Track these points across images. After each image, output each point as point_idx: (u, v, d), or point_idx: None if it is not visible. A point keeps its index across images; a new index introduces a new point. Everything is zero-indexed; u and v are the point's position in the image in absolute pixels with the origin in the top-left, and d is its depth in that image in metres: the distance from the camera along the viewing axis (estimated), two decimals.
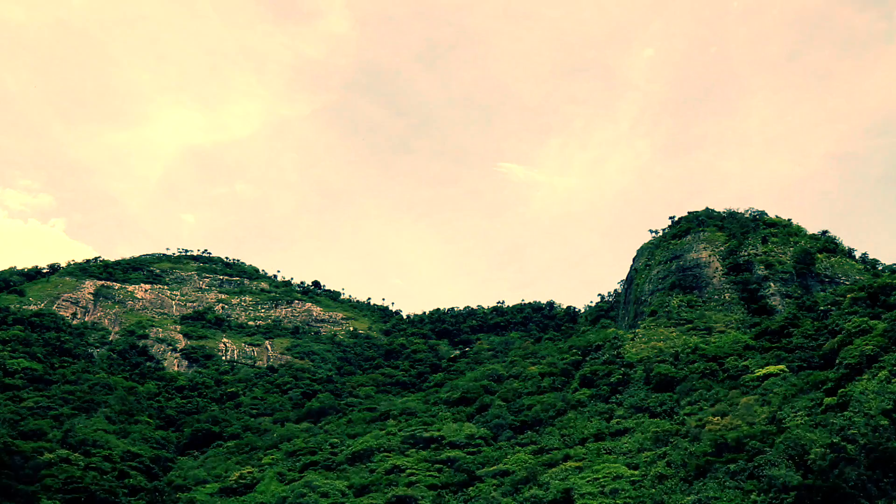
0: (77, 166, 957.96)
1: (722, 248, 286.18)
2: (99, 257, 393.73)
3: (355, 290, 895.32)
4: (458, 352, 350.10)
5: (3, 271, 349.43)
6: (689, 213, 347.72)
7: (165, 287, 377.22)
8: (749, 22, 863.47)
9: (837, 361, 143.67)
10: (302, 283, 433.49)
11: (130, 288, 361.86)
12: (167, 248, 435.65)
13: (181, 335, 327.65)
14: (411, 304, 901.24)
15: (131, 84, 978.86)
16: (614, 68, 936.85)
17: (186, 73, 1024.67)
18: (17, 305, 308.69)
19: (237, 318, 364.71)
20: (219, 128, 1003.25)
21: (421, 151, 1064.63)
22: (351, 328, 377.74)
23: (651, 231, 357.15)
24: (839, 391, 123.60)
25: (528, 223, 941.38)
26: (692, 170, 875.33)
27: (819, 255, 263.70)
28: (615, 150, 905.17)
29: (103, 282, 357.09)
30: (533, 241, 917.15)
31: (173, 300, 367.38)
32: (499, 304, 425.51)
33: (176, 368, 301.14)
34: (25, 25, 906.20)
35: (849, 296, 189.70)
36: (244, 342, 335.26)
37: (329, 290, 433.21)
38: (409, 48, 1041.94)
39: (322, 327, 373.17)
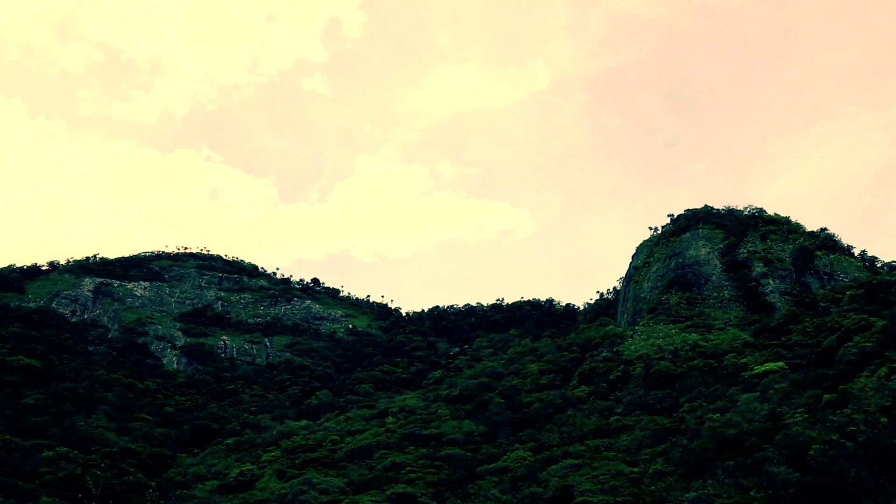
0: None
1: (721, 246, 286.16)
2: (98, 254, 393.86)
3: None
4: (457, 349, 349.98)
5: (2, 269, 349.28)
6: (687, 210, 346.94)
7: (165, 284, 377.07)
8: None
9: (836, 358, 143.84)
10: (301, 280, 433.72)
11: (130, 285, 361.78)
12: (166, 245, 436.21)
13: (181, 332, 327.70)
14: (410, 301, 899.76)
15: (429, 37, 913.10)
16: None
17: (489, 25, 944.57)
18: (17, 303, 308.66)
19: (237, 316, 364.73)
20: (486, 93, 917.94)
21: (678, 145, 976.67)
22: (350, 326, 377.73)
23: (650, 228, 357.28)
24: (838, 388, 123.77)
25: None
26: None
27: (818, 253, 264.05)
28: (867, 141, 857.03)
29: (102, 279, 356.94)
30: None
31: (172, 297, 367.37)
32: (498, 302, 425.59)
33: (175, 366, 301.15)
34: None
35: (848, 293, 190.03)
36: (243, 339, 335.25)
37: (328, 288, 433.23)
38: (718, 31, 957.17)
39: (321, 325, 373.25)
